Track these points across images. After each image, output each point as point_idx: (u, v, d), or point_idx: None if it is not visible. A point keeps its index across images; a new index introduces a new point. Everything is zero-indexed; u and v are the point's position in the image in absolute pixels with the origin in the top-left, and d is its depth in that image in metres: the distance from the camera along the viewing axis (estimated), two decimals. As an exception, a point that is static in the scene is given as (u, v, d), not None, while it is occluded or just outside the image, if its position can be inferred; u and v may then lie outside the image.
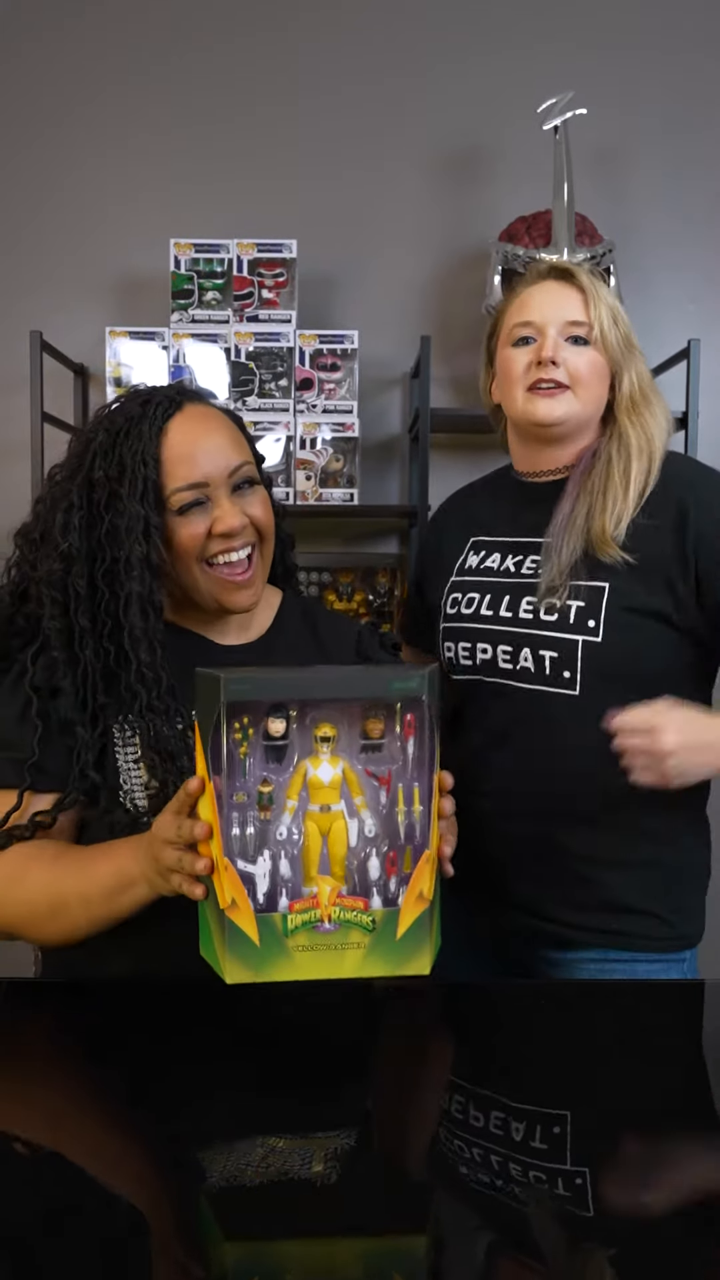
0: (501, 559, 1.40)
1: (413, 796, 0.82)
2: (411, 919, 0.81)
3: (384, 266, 2.44)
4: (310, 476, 2.23)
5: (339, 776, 0.82)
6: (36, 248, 2.43)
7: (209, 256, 2.24)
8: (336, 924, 0.81)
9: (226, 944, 0.80)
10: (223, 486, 1.08)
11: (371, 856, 0.81)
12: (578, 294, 1.35)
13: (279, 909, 0.80)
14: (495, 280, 2.25)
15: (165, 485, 1.06)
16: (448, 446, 2.44)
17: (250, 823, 0.81)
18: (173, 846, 0.88)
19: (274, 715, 0.81)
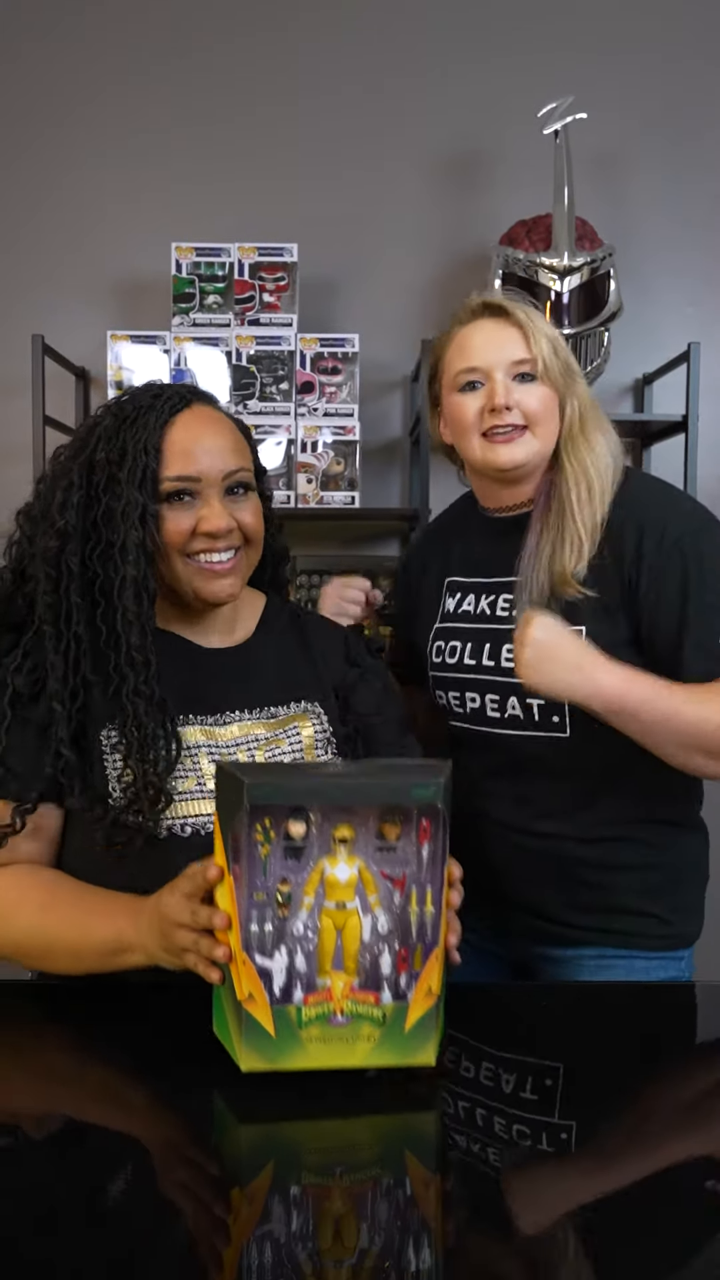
0: (477, 600, 1.40)
1: (425, 897, 0.86)
2: (420, 1013, 0.86)
3: (385, 270, 2.43)
4: (311, 480, 2.24)
5: (355, 876, 0.85)
6: (37, 251, 2.41)
7: (210, 260, 2.23)
8: (349, 1017, 0.85)
9: (243, 1035, 0.85)
10: (215, 486, 1.10)
11: (384, 952, 0.86)
12: (516, 330, 1.31)
13: (294, 1001, 0.84)
14: (496, 284, 2.24)
15: (161, 474, 1.08)
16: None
17: (269, 920, 0.84)
18: (186, 929, 0.89)
19: (295, 818, 0.84)
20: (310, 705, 1.19)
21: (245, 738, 1.13)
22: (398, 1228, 0.71)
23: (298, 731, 1.16)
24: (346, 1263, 0.66)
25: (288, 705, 1.17)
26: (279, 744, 1.14)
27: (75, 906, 1.02)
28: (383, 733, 1.24)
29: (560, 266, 2.17)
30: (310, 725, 1.18)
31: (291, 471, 2.24)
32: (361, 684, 1.24)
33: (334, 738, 1.19)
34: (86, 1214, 0.73)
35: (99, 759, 1.08)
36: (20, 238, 2.42)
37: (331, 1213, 0.72)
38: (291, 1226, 0.70)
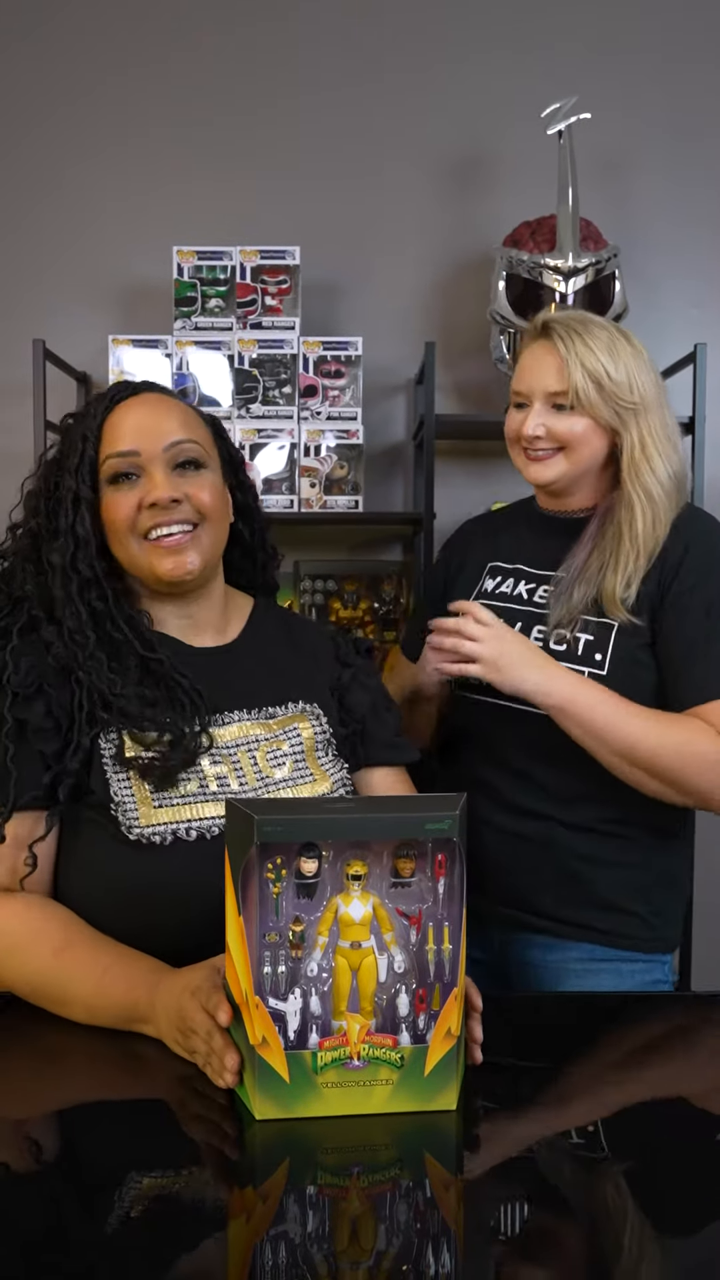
0: (515, 584, 1.46)
1: (442, 935, 0.84)
2: (439, 1056, 0.83)
3: (387, 272, 2.40)
4: (314, 484, 2.22)
5: (369, 913, 0.83)
6: (38, 254, 2.38)
7: (212, 264, 2.20)
8: (365, 1061, 0.83)
9: (257, 1081, 0.82)
10: (157, 460, 1.10)
11: (401, 993, 0.83)
12: (556, 360, 1.37)
13: (309, 1046, 0.82)
14: (500, 285, 2.21)
15: (100, 457, 1.09)
16: (453, 453, 2.42)
17: (282, 961, 0.82)
18: (200, 1040, 0.88)
19: (306, 855, 0.82)
20: (308, 705, 1.18)
21: (244, 739, 1.12)
22: (416, 1230, 0.70)
23: (297, 732, 1.15)
24: (363, 1265, 0.66)
25: (284, 705, 1.16)
26: (279, 745, 1.13)
27: (92, 960, 0.99)
28: (378, 732, 1.23)
29: (565, 268, 2.14)
30: (309, 725, 1.16)
31: (294, 476, 2.21)
32: (354, 684, 1.23)
33: (333, 738, 1.17)
34: (98, 1211, 0.72)
35: (97, 765, 1.06)
36: (21, 241, 2.39)
37: (348, 1213, 0.72)
38: (307, 1227, 0.70)
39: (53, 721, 1.07)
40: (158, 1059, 0.93)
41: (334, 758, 1.17)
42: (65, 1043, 0.97)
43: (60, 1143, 0.87)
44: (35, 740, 1.06)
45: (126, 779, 1.06)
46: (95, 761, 1.06)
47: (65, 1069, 0.96)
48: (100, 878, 1.04)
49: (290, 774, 1.12)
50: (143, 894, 1.02)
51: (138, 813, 1.04)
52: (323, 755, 1.16)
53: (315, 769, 1.14)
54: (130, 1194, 0.75)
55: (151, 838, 1.03)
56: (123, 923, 1.02)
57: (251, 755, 1.11)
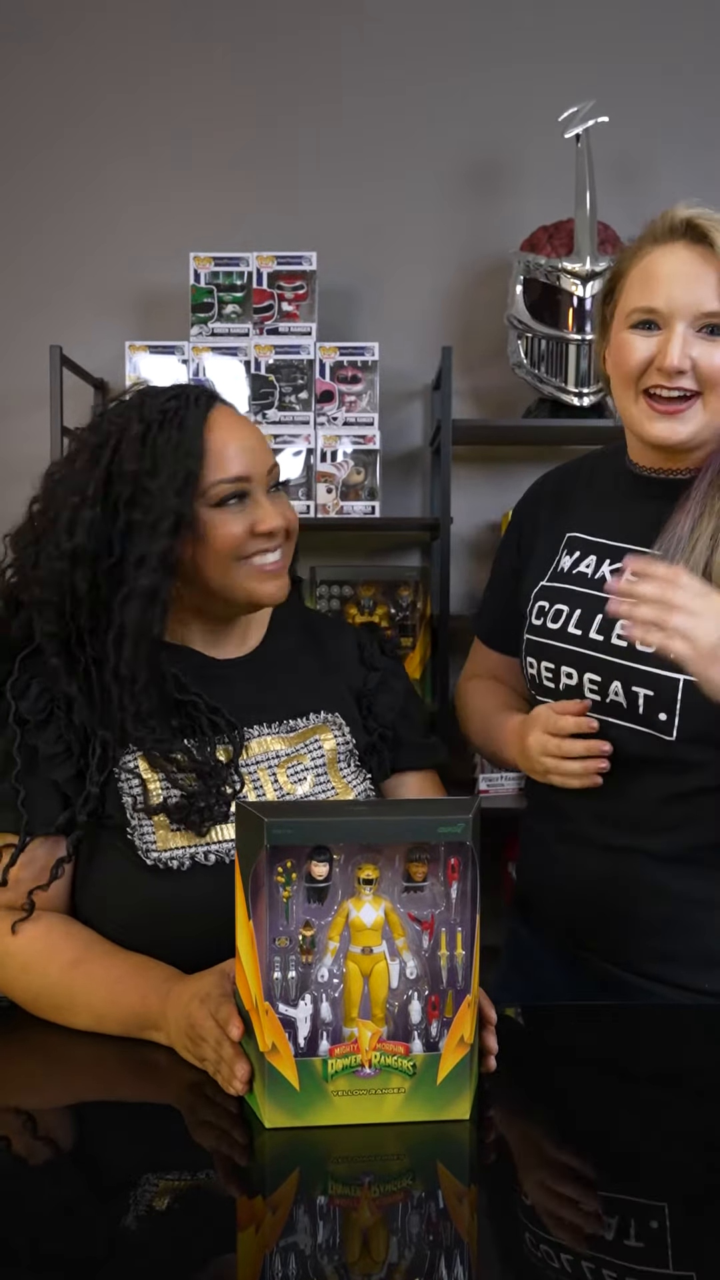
0: (598, 564, 1.17)
1: (455, 940, 0.82)
2: (452, 1064, 0.82)
3: (404, 278, 2.40)
4: (331, 489, 2.21)
5: (381, 918, 0.81)
6: (56, 262, 2.40)
7: (229, 270, 2.20)
8: (377, 1069, 0.81)
9: (266, 1088, 0.81)
10: (262, 485, 1.07)
11: (413, 999, 0.82)
12: (713, 268, 1.05)
13: (319, 1053, 0.80)
14: (517, 290, 2.21)
15: (205, 477, 1.03)
16: (470, 459, 2.41)
17: (292, 966, 0.80)
18: (210, 1048, 0.86)
19: (317, 859, 0.80)
20: (330, 715, 1.14)
21: (264, 755, 1.09)
22: (429, 1242, 0.69)
23: (319, 745, 1.12)
24: (375, 1277, 0.65)
25: (306, 717, 1.13)
26: (300, 760, 1.10)
27: (106, 971, 0.97)
28: (407, 735, 1.20)
29: (582, 272, 2.13)
30: (332, 737, 1.13)
31: (311, 481, 2.20)
32: (382, 689, 1.19)
33: (356, 749, 1.14)
34: (104, 1217, 0.71)
35: (113, 788, 1.04)
36: (38, 249, 2.40)
37: (359, 1224, 0.71)
38: (318, 1238, 0.69)
39: (64, 746, 1.04)
40: (168, 1065, 0.91)
41: (356, 769, 1.14)
42: (73, 1047, 0.96)
43: (67, 1146, 0.86)
44: (47, 769, 1.03)
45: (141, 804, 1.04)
46: (111, 785, 1.04)
47: (73, 1073, 0.95)
48: (117, 903, 1.02)
49: (312, 789, 1.09)
50: (160, 920, 1.00)
51: (155, 837, 1.02)
52: (345, 766, 1.13)
53: (338, 781, 1.11)
54: (138, 1201, 0.74)
55: (169, 862, 1.01)
56: (139, 948, 1.01)
57: (272, 772, 1.09)
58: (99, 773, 1.03)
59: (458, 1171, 0.80)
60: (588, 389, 2.14)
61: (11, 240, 2.42)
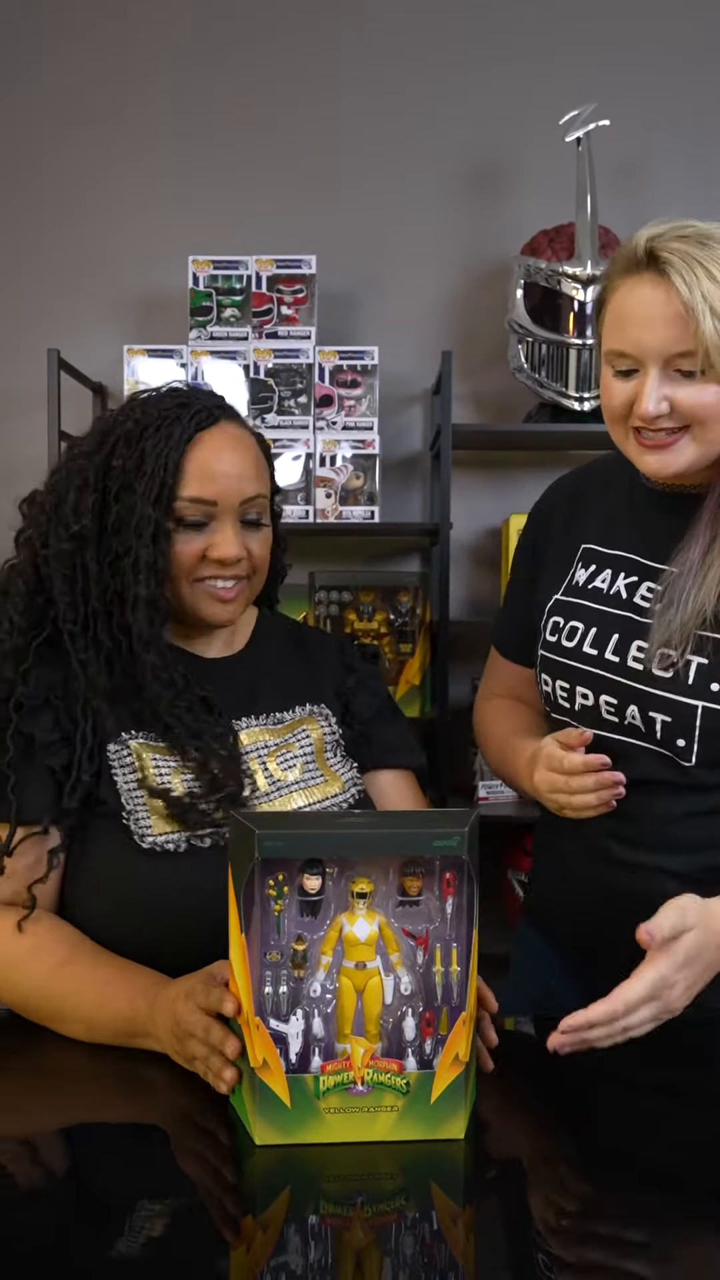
0: (612, 579, 1.14)
1: (450, 956, 0.80)
2: (446, 1082, 0.80)
3: (404, 281, 2.40)
4: (330, 494, 2.20)
5: (375, 933, 0.80)
6: (54, 266, 2.39)
7: (228, 273, 2.19)
8: (369, 1086, 0.80)
9: (256, 1104, 0.79)
10: (230, 514, 1.07)
11: (407, 1016, 0.80)
12: (676, 306, 0.98)
13: (311, 1070, 0.79)
14: (518, 294, 2.20)
15: (178, 493, 1.05)
16: (470, 464, 2.40)
17: (284, 981, 0.79)
18: (199, 1042, 0.85)
19: (310, 871, 0.79)
20: (315, 707, 1.17)
21: (255, 745, 1.11)
22: (423, 1263, 0.67)
23: (306, 734, 1.14)
24: None
25: (292, 709, 1.15)
26: (289, 749, 1.12)
27: (93, 974, 0.97)
28: (384, 735, 1.21)
29: (584, 275, 2.12)
30: (318, 727, 1.16)
31: (310, 486, 2.19)
32: (360, 689, 1.21)
33: (342, 739, 1.17)
34: (90, 1236, 0.69)
35: (107, 774, 1.04)
36: (37, 253, 2.40)
37: (352, 1245, 0.69)
38: (309, 1258, 0.67)
39: (60, 733, 1.05)
40: (159, 1080, 0.90)
41: (343, 758, 1.16)
42: (64, 1061, 0.95)
43: (55, 1164, 0.85)
44: (43, 756, 1.03)
45: (138, 790, 1.04)
46: (105, 771, 1.04)
47: (62, 1088, 0.94)
48: (112, 887, 1.02)
49: (301, 775, 1.11)
50: (155, 903, 1.00)
51: (150, 822, 1.02)
52: (332, 756, 1.15)
53: (325, 770, 1.13)
54: (125, 1219, 0.73)
55: (165, 845, 1.01)
56: (134, 933, 1.00)
57: (262, 761, 1.10)
58: (89, 761, 1.03)
59: (452, 1191, 0.79)
60: (589, 393, 2.12)
61: (10, 243, 2.41)
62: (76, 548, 1.05)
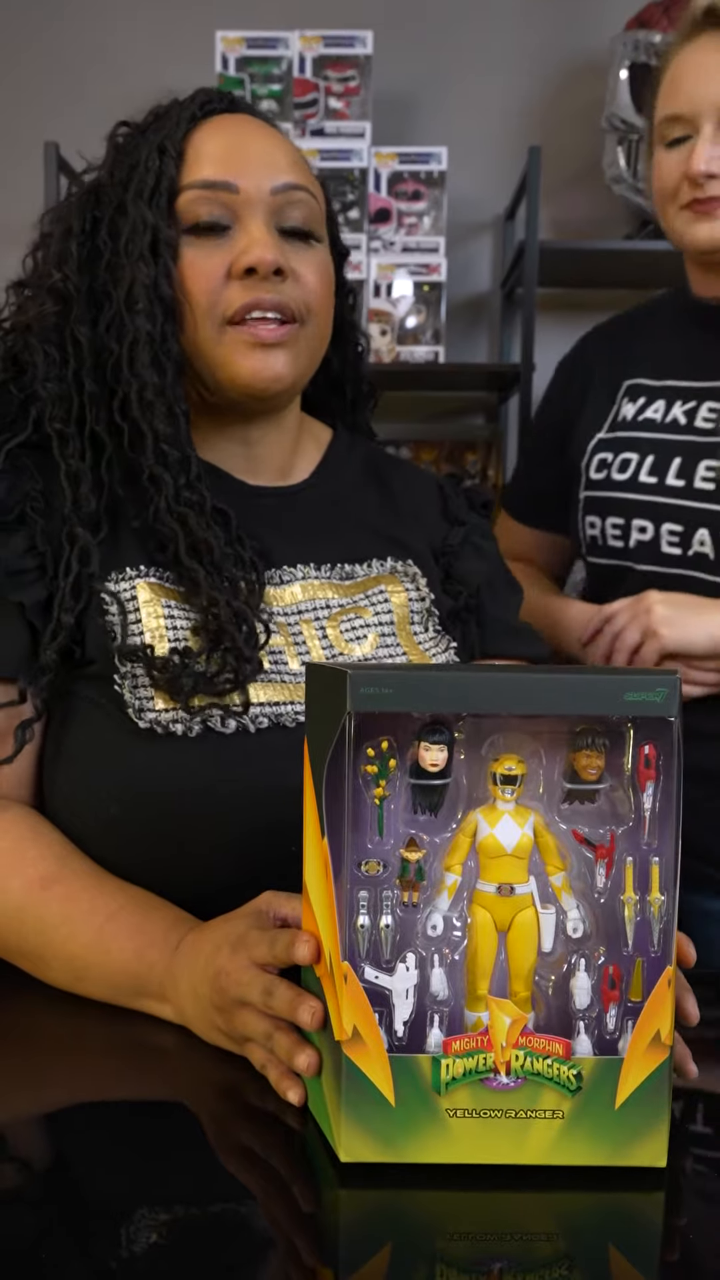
0: (667, 408, 1.12)
1: (649, 876, 0.51)
2: (641, 1076, 0.52)
3: (479, 71, 2.04)
4: (386, 331, 1.88)
5: (529, 839, 0.52)
6: (54, 48, 2.05)
7: (264, 54, 1.87)
8: (519, 1078, 0.51)
9: (342, 1099, 0.51)
10: (259, 206, 0.78)
11: (579, 970, 0.52)
12: None
13: (428, 1048, 0.51)
14: (622, 77, 1.81)
15: (181, 181, 0.78)
16: (547, 306, 2.04)
17: (387, 909, 0.51)
18: (255, 1013, 0.58)
19: (430, 738, 0.51)
20: (401, 564, 0.86)
21: (310, 603, 0.81)
22: None
23: (385, 597, 0.84)
24: None
25: (368, 564, 0.85)
26: (361, 613, 0.82)
27: (87, 901, 0.69)
28: (498, 613, 0.91)
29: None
30: (402, 590, 0.85)
31: (362, 320, 1.85)
32: (467, 548, 0.91)
33: (436, 608, 0.85)
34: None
35: (97, 623, 0.76)
36: (36, 32, 2.07)
37: None
38: None
39: (37, 560, 0.77)
40: (179, 1050, 0.63)
41: (437, 633, 0.85)
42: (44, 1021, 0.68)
43: (33, 1159, 0.57)
44: (10, 588, 0.76)
45: (139, 633, 0.76)
46: (94, 617, 0.75)
47: (45, 1063, 0.66)
48: (94, 783, 0.73)
49: (374, 651, 0.81)
50: (153, 807, 0.71)
51: (152, 691, 0.73)
52: (420, 629, 0.84)
53: (410, 645, 0.83)
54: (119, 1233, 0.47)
55: (171, 726, 0.72)
56: (122, 853, 0.72)
57: (319, 625, 0.80)
58: (73, 598, 0.74)
59: (645, 1259, 0.50)
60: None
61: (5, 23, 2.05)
62: (62, 310, 0.79)
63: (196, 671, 0.72)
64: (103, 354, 0.79)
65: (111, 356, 0.78)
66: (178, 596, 0.77)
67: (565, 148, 2.02)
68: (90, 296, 0.79)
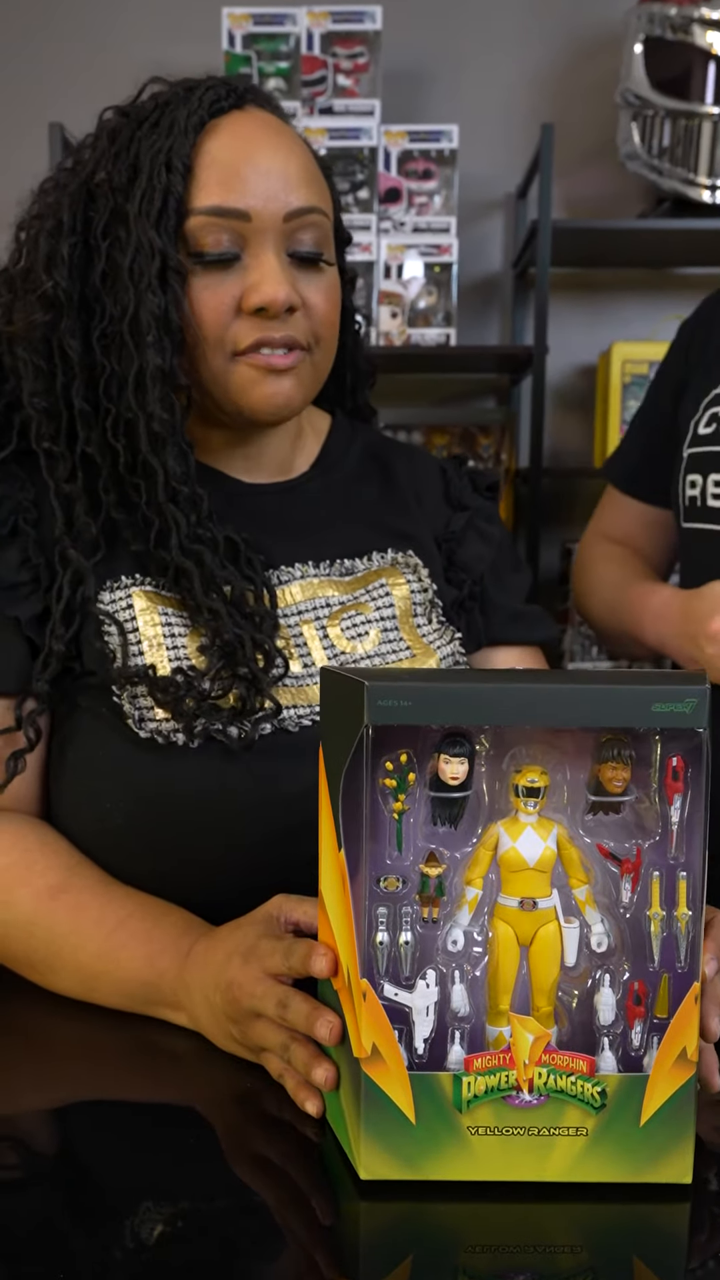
0: None
1: (677, 891, 0.50)
2: (667, 1094, 0.50)
3: (490, 47, 1.98)
4: (397, 313, 1.84)
5: (552, 852, 0.50)
6: (62, 26, 1.99)
7: (271, 31, 1.82)
8: (542, 1095, 0.50)
9: (362, 1117, 0.50)
10: (272, 236, 0.73)
11: (603, 986, 0.50)
12: None
13: (449, 1065, 0.50)
14: (636, 52, 1.76)
15: (190, 204, 0.74)
16: (561, 286, 2.00)
17: (407, 925, 0.50)
18: (271, 1025, 0.57)
19: (450, 750, 0.49)
20: (402, 555, 0.84)
21: (310, 602, 0.79)
22: None
23: (386, 591, 0.82)
24: None
25: (368, 557, 0.83)
26: (361, 609, 0.80)
27: (97, 910, 0.68)
28: (502, 599, 0.88)
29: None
30: (404, 583, 0.83)
31: (372, 302, 1.82)
32: (470, 533, 0.88)
33: (439, 598, 0.84)
34: None
35: (95, 633, 0.74)
36: (43, 17, 2.00)
37: None
38: None
39: (31, 573, 0.75)
40: (194, 1056, 0.62)
41: (441, 624, 0.83)
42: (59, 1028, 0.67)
43: (39, 1154, 0.56)
44: (5, 603, 0.74)
45: (140, 652, 0.75)
46: (92, 629, 0.74)
47: (59, 1069, 0.65)
48: (97, 794, 0.72)
49: (378, 646, 0.79)
50: (158, 816, 0.70)
51: (150, 700, 0.72)
52: (423, 621, 0.82)
53: (414, 640, 0.81)
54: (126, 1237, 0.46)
55: (173, 736, 0.71)
56: (129, 863, 0.72)
57: (319, 624, 0.79)
58: (64, 625, 0.73)
59: (669, 1270, 0.49)
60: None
61: (13, 3, 2.01)
62: (52, 320, 0.75)
63: (202, 690, 0.70)
64: (94, 369, 0.75)
65: (104, 374, 0.74)
66: (174, 604, 0.75)
67: (578, 124, 1.97)
68: (82, 304, 0.75)
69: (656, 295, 2.00)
